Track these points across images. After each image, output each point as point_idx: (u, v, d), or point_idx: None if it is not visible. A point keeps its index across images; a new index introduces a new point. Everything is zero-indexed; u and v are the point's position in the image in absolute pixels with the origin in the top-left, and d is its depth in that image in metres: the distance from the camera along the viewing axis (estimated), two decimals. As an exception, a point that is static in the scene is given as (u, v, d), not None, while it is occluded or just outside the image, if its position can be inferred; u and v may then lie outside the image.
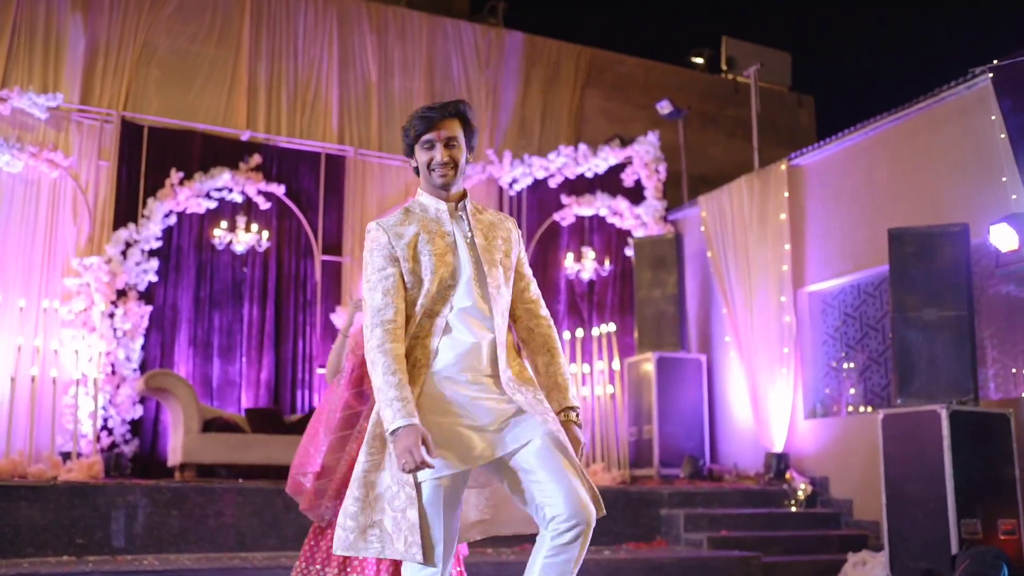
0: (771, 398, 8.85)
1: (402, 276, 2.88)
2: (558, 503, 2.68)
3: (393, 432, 2.67)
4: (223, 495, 6.36)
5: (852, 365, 8.67)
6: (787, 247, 8.96)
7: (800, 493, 8.16)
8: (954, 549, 6.06)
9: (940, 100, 7.66)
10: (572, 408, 2.95)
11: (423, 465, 2.63)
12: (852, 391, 8.66)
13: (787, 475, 8.39)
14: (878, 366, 8.38)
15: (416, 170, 3.05)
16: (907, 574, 6.21)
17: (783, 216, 9.02)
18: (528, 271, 3.10)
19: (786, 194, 9.07)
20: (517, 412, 2.82)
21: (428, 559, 2.68)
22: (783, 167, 9.17)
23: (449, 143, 2.97)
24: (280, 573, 5.55)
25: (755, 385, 9.03)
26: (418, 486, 2.70)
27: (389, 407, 2.69)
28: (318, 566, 3.53)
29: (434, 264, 2.86)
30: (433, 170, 2.95)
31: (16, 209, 9.19)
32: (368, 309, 2.87)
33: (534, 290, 3.08)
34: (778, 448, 8.69)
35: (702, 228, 10.00)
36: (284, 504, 6.48)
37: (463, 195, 3.03)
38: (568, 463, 2.76)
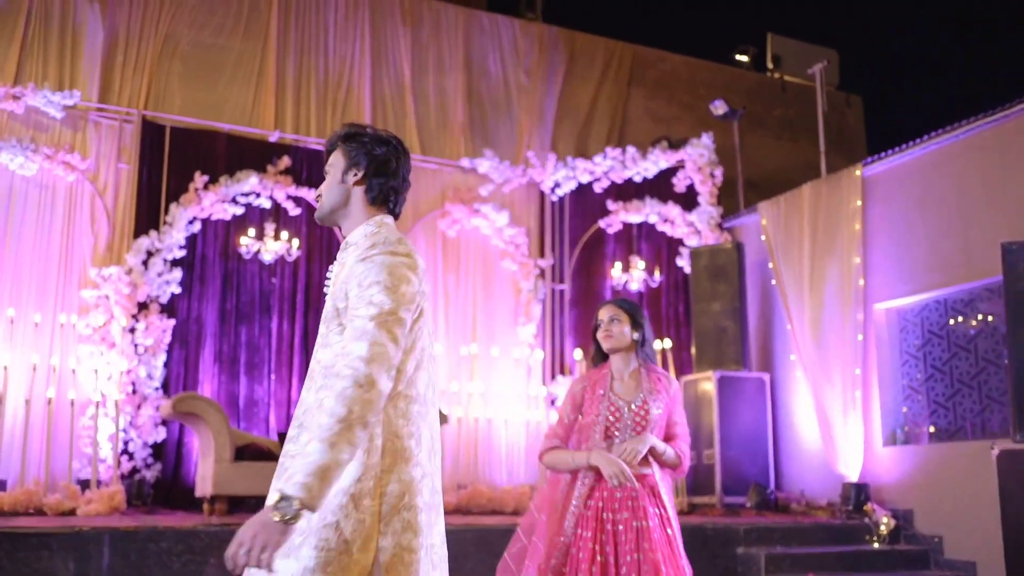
0: (843, 422, 8.19)
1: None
2: None
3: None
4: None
5: (938, 388, 7.99)
6: (858, 260, 8.30)
7: (883, 527, 7.51)
8: (1088, 604, 5.41)
9: (1042, 102, 7.01)
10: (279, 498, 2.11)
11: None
12: (938, 417, 7.98)
13: (867, 507, 7.73)
14: (969, 390, 7.71)
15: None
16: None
17: (857, 227, 8.36)
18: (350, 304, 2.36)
19: (859, 203, 8.41)
20: None
21: None
22: (857, 173, 8.50)
23: (325, 174, 2.58)
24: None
25: (825, 408, 8.36)
26: None
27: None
28: None
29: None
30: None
31: (31, 215, 8.55)
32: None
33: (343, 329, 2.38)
34: (853, 476, 8.03)
35: (763, 237, 9.33)
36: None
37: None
38: None
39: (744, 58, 12.84)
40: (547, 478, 3.86)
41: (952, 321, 7.93)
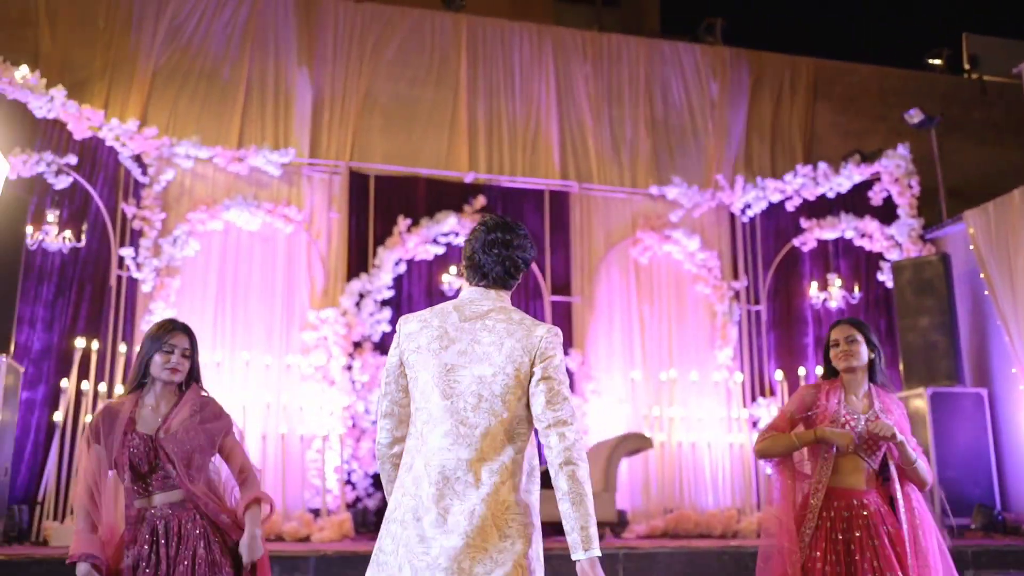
0: (1075, 437, 7.74)
1: None
2: None
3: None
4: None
5: None
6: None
7: None
8: None
9: None
10: None
11: None
12: None
13: (1108, 527, 7.26)
14: None
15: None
16: None
17: (1079, 229, 7.92)
18: None
19: (1079, 203, 7.97)
20: None
21: None
22: (1074, 173, 8.06)
23: None
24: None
25: (1052, 422, 7.93)
26: None
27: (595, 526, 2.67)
28: None
29: None
30: None
31: (256, 267, 9.33)
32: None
33: None
34: (1090, 495, 7.57)
35: (971, 247, 8.96)
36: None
37: None
38: None
39: (938, 61, 12.36)
40: (776, 496, 3.88)
41: None
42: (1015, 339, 8.33)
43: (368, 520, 8.67)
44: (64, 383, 7.74)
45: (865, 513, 3.65)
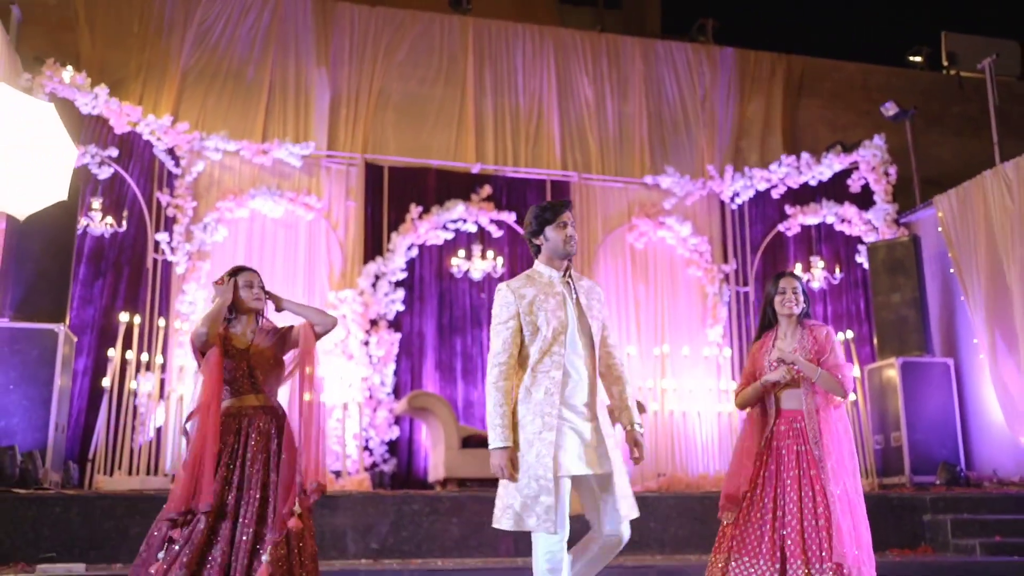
0: (1030, 400, 8.46)
1: (521, 327, 3.78)
2: (611, 523, 3.76)
3: (492, 450, 3.71)
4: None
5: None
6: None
7: (1075, 498, 7.74)
8: None
9: None
10: (638, 423, 3.94)
11: (511, 477, 3.65)
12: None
13: (1058, 480, 7.98)
14: None
15: (536, 248, 3.96)
16: None
17: (1037, 209, 8.64)
18: (609, 322, 4.03)
19: (1036, 186, 8.70)
20: (599, 438, 3.76)
21: (556, 529, 3.62)
22: (1030, 158, 8.80)
23: (573, 224, 3.96)
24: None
25: (1011, 387, 8.65)
26: (556, 480, 3.61)
27: (493, 429, 3.71)
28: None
29: (548, 317, 3.77)
30: (567, 243, 3.90)
31: (280, 252, 10.11)
32: (490, 352, 3.84)
33: (612, 338, 4.01)
34: (1044, 452, 8.29)
35: (939, 229, 9.71)
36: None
37: (569, 267, 3.96)
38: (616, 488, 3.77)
39: (919, 59, 13.08)
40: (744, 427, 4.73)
41: None
42: (977, 313, 9.06)
43: (384, 482, 9.44)
44: (111, 352, 8.52)
45: (797, 427, 4.44)
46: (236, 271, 4.33)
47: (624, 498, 3.79)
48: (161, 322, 9.16)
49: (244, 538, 3.88)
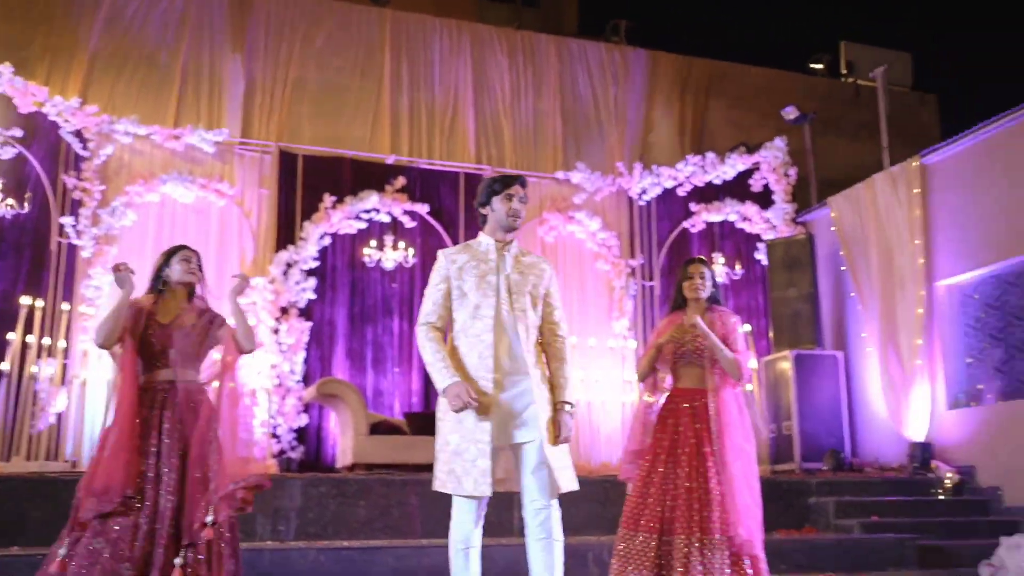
0: (911, 391, 8.97)
1: (450, 291, 3.92)
2: (531, 496, 3.81)
3: (444, 389, 3.78)
4: (403, 487, 6.90)
5: (994, 354, 8.72)
6: (918, 242, 9.09)
7: (947, 482, 8.26)
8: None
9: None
10: (566, 402, 3.91)
11: (472, 403, 3.70)
12: (995, 380, 8.70)
13: (932, 464, 8.49)
14: (1023, 355, 8.44)
15: (483, 218, 4.09)
16: (1067, 552, 6.29)
17: (918, 212, 9.15)
18: (556, 301, 4.09)
19: (917, 190, 9.21)
20: (531, 409, 3.80)
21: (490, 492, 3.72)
22: (915, 164, 9.31)
23: (521, 200, 4.05)
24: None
25: (894, 378, 9.15)
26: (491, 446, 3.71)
27: (439, 373, 3.81)
28: None
29: (476, 282, 3.88)
30: (510, 215, 4.00)
31: (190, 237, 9.98)
32: (421, 311, 3.97)
33: (557, 315, 4.07)
34: (920, 438, 8.80)
35: (833, 228, 10.20)
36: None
37: (511, 241, 4.07)
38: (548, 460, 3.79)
39: (819, 66, 13.64)
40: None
41: (1005, 293, 8.66)
42: (866, 307, 9.55)
43: (292, 469, 9.49)
44: (10, 336, 8.40)
45: (696, 405, 4.67)
46: (175, 250, 4.47)
47: (556, 470, 3.79)
48: (65, 306, 9.05)
49: (168, 506, 3.95)
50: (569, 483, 3.85)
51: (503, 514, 6.66)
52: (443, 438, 3.89)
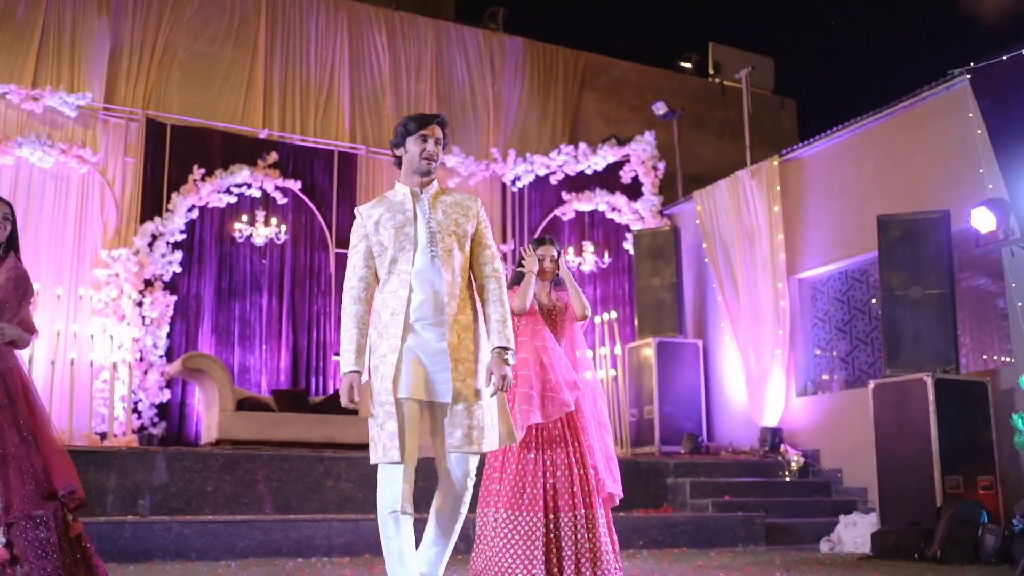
0: (765, 378, 9.47)
1: (370, 249, 3.60)
2: (448, 459, 3.50)
3: (344, 374, 3.49)
4: (269, 462, 6.86)
5: (840, 346, 9.31)
6: (780, 237, 9.60)
7: (793, 464, 8.78)
8: (939, 503, 6.69)
9: (922, 99, 8.34)
10: (503, 348, 3.55)
11: (353, 405, 3.45)
12: (840, 370, 9.30)
13: (781, 448, 9.00)
14: (865, 346, 9.03)
15: (398, 161, 3.75)
16: (895, 526, 6.81)
17: (777, 208, 9.65)
18: (487, 239, 3.73)
19: (778, 188, 9.71)
20: (439, 363, 3.48)
21: (401, 458, 3.41)
22: (775, 163, 9.81)
23: (437, 142, 3.71)
24: (328, 528, 6.11)
25: (750, 366, 9.65)
26: (397, 403, 3.43)
27: (342, 356, 3.53)
28: None
29: (393, 234, 3.56)
30: (424, 156, 3.66)
31: (48, 203, 9.65)
32: (345, 277, 3.63)
33: (488, 254, 3.71)
34: (772, 424, 9.31)
35: (697, 221, 10.63)
36: (324, 471, 7.00)
37: (430, 183, 3.73)
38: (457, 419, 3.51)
39: (688, 65, 14.14)
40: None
41: (850, 288, 9.26)
42: (726, 298, 10.02)
43: (153, 444, 9.25)
44: None
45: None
46: None
47: (473, 428, 3.48)
48: (-91, 271, 8.53)
49: None
50: (477, 443, 3.49)
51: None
52: (372, 408, 3.57)
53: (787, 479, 8.73)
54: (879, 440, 7.12)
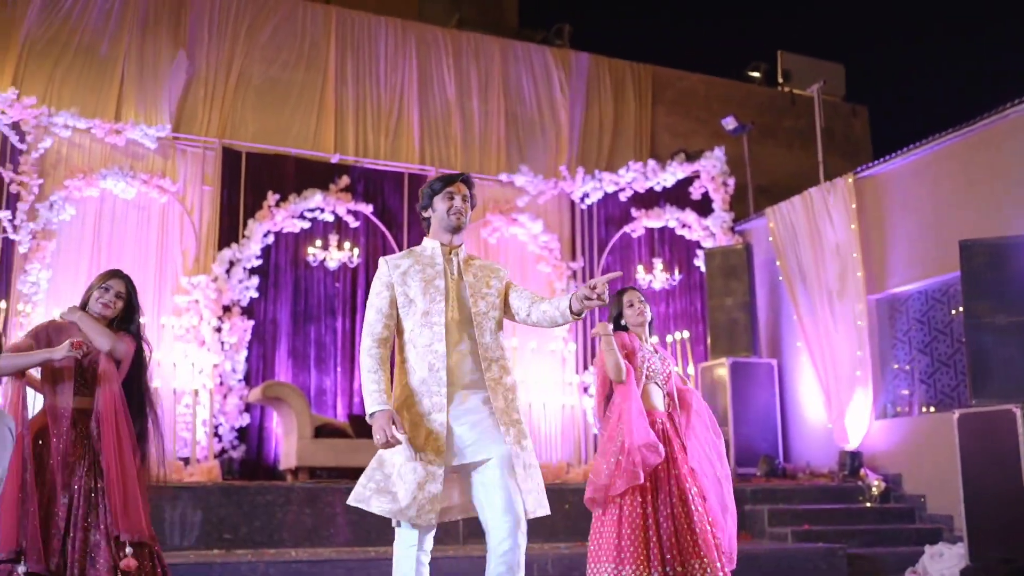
0: (843, 400, 9.32)
1: (393, 299, 3.63)
2: (495, 519, 3.45)
3: (371, 415, 3.44)
4: (347, 494, 6.95)
5: (921, 368, 9.12)
6: (856, 255, 9.43)
7: (874, 489, 8.63)
8: (1030, 538, 6.52)
9: (1004, 116, 8.12)
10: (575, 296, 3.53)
11: (394, 441, 3.38)
12: (921, 393, 9.11)
13: (861, 472, 8.85)
14: (947, 368, 8.83)
15: (426, 223, 3.82)
16: (986, 563, 6.66)
17: (854, 227, 9.48)
18: (518, 285, 3.84)
19: (854, 206, 9.54)
20: (487, 425, 3.51)
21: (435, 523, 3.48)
22: (850, 180, 9.64)
23: (464, 199, 3.76)
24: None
25: (828, 387, 9.49)
26: (445, 468, 3.44)
27: (369, 396, 3.46)
28: None
29: (423, 287, 3.60)
30: (452, 214, 3.71)
31: (130, 233, 9.92)
32: (365, 322, 3.65)
33: (525, 290, 3.81)
34: (851, 447, 9.16)
35: (770, 238, 10.49)
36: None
37: (459, 245, 3.78)
38: (511, 481, 3.48)
39: (756, 74, 13.97)
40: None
41: (931, 309, 9.05)
42: (801, 317, 9.88)
43: (234, 469, 9.46)
44: (-54, 335, 8.20)
45: (661, 426, 4.79)
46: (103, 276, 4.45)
47: (526, 492, 3.49)
48: (1, 304, 8.86)
49: None
50: (536, 507, 3.53)
51: (449, 523, 6.76)
52: (384, 455, 3.55)
53: (868, 505, 8.58)
54: (965, 471, 6.96)
